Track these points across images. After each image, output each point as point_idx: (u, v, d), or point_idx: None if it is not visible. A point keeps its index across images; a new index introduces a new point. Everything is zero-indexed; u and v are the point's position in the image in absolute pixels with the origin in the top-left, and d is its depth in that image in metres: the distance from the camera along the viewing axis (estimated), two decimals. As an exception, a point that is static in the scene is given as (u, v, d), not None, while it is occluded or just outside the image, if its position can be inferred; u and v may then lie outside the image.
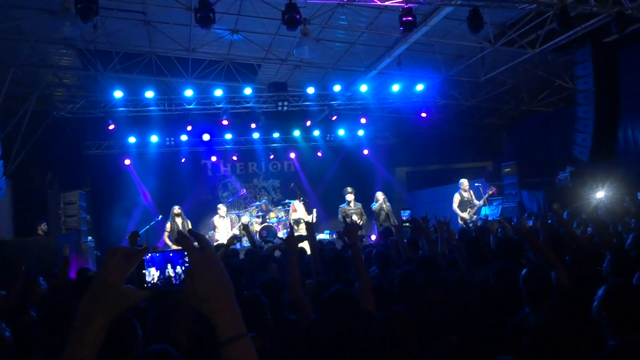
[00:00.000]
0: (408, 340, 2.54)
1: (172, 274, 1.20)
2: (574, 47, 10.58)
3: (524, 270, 3.39)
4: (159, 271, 1.21)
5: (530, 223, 7.28)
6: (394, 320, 2.59)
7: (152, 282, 1.21)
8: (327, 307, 3.03)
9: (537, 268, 3.37)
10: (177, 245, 1.21)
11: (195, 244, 1.19)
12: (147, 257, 1.21)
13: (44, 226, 11.14)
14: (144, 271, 1.21)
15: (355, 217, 11.01)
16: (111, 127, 13.19)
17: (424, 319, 3.12)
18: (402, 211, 6.53)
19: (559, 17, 8.73)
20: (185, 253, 1.16)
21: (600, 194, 9.83)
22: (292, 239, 3.60)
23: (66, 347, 1.15)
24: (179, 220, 11.12)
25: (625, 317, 2.51)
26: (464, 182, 11.59)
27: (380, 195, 11.73)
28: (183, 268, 1.18)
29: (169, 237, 11.03)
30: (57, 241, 8.87)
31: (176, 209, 11.24)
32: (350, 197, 11.67)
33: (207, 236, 11.41)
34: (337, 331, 2.90)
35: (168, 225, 11.17)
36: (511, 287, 3.47)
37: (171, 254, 1.21)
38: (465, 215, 11.22)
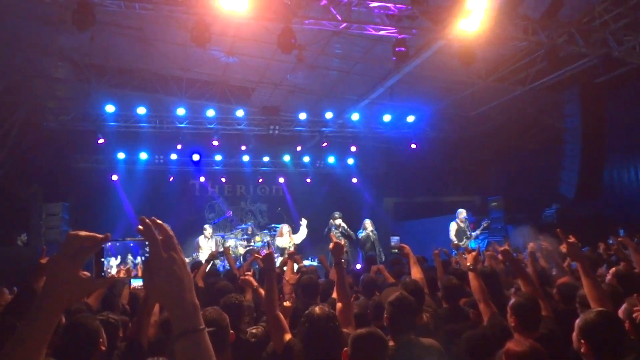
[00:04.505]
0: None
1: (131, 264, 1.16)
2: (563, 87, 10.80)
3: (513, 300, 3.39)
4: (118, 260, 1.17)
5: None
6: (368, 340, 2.54)
7: (110, 271, 1.17)
8: (307, 327, 2.96)
9: (527, 298, 3.36)
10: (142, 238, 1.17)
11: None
12: (108, 245, 1.18)
13: (23, 237, 10.95)
14: (102, 260, 1.17)
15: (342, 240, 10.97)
16: (101, 141, 13.14)
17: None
18: (391, 237, 6.55)
19: (549, 56, 8.94)
20: (147, 243, 1.12)
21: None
22: (269, 259, 3.56)
23: (16, 332, 1.10)
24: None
25: (604, 345, 2.51)
26: (462, 212, 11.65)
27: (368, 224, 11.71)
28: (143, 258, 1.15)
29: None
30: (37, 252, 8.70)
31: None
32: (337, 222, 11.66)
33: (192, 257, 11.28)
34: (316, 352, 2.83)
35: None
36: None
37: (132, 244, 1.18)
38: (461, 244, 11.24)
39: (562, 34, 8.92)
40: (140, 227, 1.12)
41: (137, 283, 6.51)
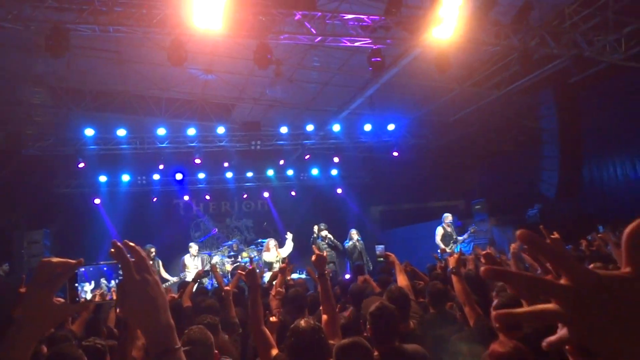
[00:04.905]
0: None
1: (105, 288, 1.17)
2: (538, 88, 10.99)
3: (495, 301, 3.41)
4: (92, 285, 1.17)
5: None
6: (352, 350, 2.55)
7: (84, 296, 1.17)
8: (293, 340, 2.96)
9: (509, 298, 3.39)
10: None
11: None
12: (81, 270, 1.18)
13: (5, 266, 10.78)
14: (76, 284, 1.17)
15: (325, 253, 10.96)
16: (81, 165, 13.02)
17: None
18: (376, 246, 6.58)
19: (522, 59, 9.12)
20: (120, 266, 1.13)
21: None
22: (253, 275, 3.56)
23: None
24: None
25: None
26: (448, 217, 11.73)
27: (354, 234, 11.74)
28: (117, 281, 1.15)
29: None
30: (20, 281, 8.54)
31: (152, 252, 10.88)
32: (323, 233, 11.67)
33: (179, 277, 11.18)
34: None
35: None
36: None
37: (105, 268, 1.19)
38: (447, 249, 11.30)
39: (533, 36, 9.11)
40: (112, 250, 1.14)
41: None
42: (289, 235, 12.02)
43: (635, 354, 0.63)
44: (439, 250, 11.22)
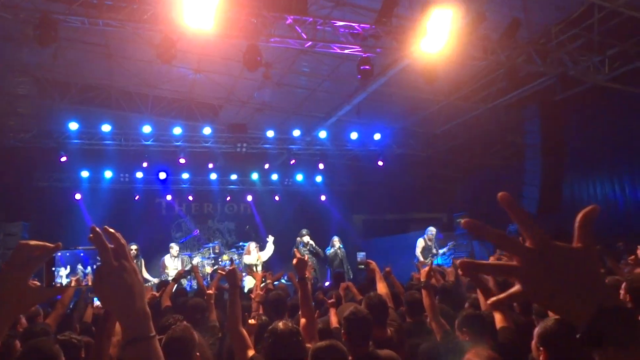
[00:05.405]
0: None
1: (81, 274, 1.16)
2: (524, 104, 11.15)
3: (462, 316, 3.46)
4: (68, 270, 1.16)
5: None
6: (328, 353, 2.55)
7: (59, 281, 1.16)
8: (271, 342, 2.95)
9: (478, 312, 3.44)
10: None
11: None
12: (58, 255, 1.17)
13: (-20, 258, 10.59)
14: (53, 269, 1.16)
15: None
16: (63, 159, 12.85)
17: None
18: (357, 253, 6.59)
19: (509, 75, 9.25)
20: (98, 252, 1.12)
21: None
22: (233, 274, 3.55)
23: None
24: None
25: (561, 353, 2.56)
26: (432, 230, 11.82)
27: (336, 241, 11.75)
28: (93, 267, 1.14)
29: None
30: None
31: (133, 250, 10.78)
32: (305, 239, 11.66)
33: (159, 279, 11.06)
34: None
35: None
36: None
37: (82, 254, 1.18)
38: (426, 261, 11.36)
39: (520, 53, 9.25)
40: (91, 235, 1.13)
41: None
42: (270, 239, 11.99)
43: (561, 307, 0.81)
44: (416, 262, 11.31)
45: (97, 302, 6.30)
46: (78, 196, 14.60)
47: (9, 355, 3.34)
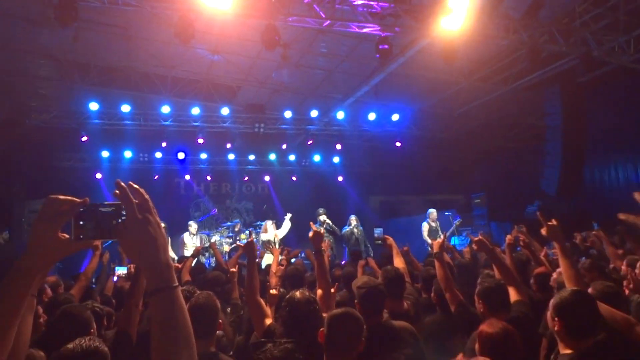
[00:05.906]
0: (357, 342, 2.57)
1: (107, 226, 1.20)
2: (545, 85, 10.97)
3: (481, 286, 3.47)
4: (95, 223, 1.21)
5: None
6: (344, 320, 2.60)
7: (87, 233, 1.20)
8: (288, 310, 3.01)
9: (494, 282, 3.45)
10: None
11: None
12: (84, 209, 1.22)
13: (5, 234, 10.85)
14: (81, 222, 1.20)
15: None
16: (84, 139, 13.06)
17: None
18: (374, 229, 6.62)
19: (530, 55, 9.09)
20: (123, 206, 1.17)
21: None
22: (251, 246, 3.61)
23: None
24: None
25: (577, 323, 2.57)
26: (433, 213, 11.84)
27: (353, 220, 11.81)
28: (120, 220, 1.19)
29: None
30: (18, 250, 8.64)
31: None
32: (322, 218, 11.74)
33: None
34: (297, 335, 2.87)
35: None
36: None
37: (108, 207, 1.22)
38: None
39: (543, 33, 9.07)
40: (117, 191, 1.17)
41: (121, 271, 6.55)
42: (288, 216, 12.09)
43: None
44: (427, 246, 11.34)
45: (118, 272, 6.47)
46: (99, 175, 14.85)
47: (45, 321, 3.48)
